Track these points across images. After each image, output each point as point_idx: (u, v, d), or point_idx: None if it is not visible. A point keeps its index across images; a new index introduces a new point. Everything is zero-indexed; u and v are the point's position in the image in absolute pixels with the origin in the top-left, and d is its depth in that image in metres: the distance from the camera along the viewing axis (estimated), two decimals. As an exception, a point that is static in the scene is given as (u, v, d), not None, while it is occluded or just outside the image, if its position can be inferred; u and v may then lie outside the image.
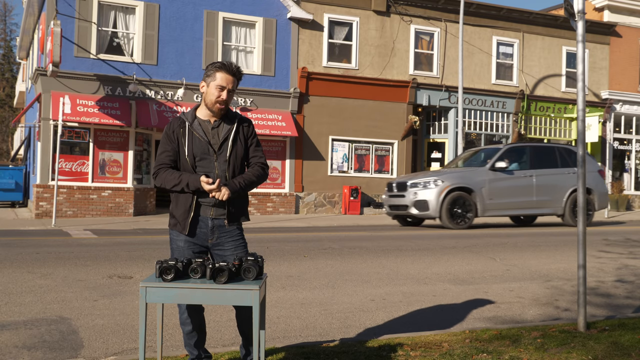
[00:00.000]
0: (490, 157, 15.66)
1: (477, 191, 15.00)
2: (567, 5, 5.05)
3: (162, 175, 3.69)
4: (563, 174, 16.05)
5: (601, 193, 16.67)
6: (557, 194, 15.91)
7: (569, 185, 15.98)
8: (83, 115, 17.23)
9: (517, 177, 15.58)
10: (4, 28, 56.71)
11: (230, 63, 3.70)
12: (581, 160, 5.15)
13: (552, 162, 16.13)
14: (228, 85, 3.64)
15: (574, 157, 16.30)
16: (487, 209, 15.14)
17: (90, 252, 9.62)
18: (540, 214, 16.17)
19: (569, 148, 16.85)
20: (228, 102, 3.68)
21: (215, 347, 4.54)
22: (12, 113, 50.89)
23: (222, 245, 3.71)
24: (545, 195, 15.80)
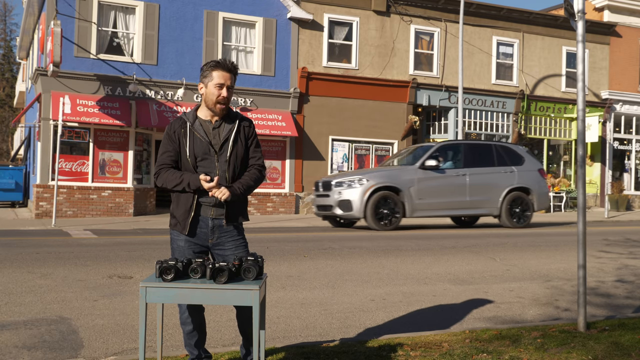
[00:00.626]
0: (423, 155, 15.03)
1: (404, 191, 14.30)
2: (567, 5, 5.05)
3: (163, 176, 3.69)
4: (499, 173, 15.40)
5: (541, 193, 16.01)
6: (492, 194, 15.25)
7: (506, 185, 15.38)
8: (83, 115, 17.23)
9: (449, 176, 14.92)
10: (4, 28, 56.72)
11: (224, 59, 3.69)
12: (581, 160, 5.15)
13: (489, 161, 15.49)
14: (226, 82, 3.64)
15: (513, 156, 15.81)
16: (416, 209, 14.46)
17: (90, 252, 9.62)
18: (474, 215, 15.56)
19: (508, 146, 16.30)
20: (229, 99, 3.68)
21: (215, 347, 4.54)
22: (12, 113, 50.89)
23: (222, 245, 3.72)
24: (479, 195, 15.12)
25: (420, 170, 14.64)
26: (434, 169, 14.68)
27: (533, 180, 15.81)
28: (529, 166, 15.88)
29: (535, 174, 15.95)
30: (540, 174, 16.13)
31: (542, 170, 16.29)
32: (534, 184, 15.80)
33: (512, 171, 15.51)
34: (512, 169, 15.54)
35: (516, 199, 15.47)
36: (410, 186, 14.42)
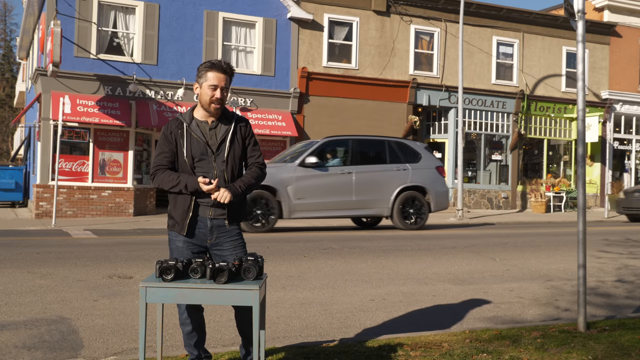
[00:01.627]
0: None
1: (281, 190, 13.28)
2: (567, 5, 5.05)
3: (159, 177, 3.69)
4: (391, 171, 14.30)
5: (439, 192, 14.81)
6: (382, 194, 14.11)
7: (398, 184, 14.26)
8: (83, 115, 17.23)
9: (333, 174, 13.85)
10: (4, 28, 56.72)
11: (219, 61, 3.68)
12: (581, 160, 5.15)
13: (380, 158, 14.52)
14: (220, 83, 3.62)
15: (408, 152, 14.75)
16: (294, 210, 13.46)
17: (90, 252, 9.62)
18: (361, 216, 14.49)
19: (403, 142, 15.22)
20: (223, 100, 3.67)
21: (215, 347, 4.54)
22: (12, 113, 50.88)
23: (220, 245, 3.71)
24: (367, 194, 14.01)
25: (300, 168, 13.59)
26: (315, 166, 13.66)
27: (429, 179, 14.66)
28: (425, 164, 14.75)
29: (432, 172, 14.80)
30: (438, 172, 14.96)
31: (440, 168, 15.10)
32: (431, 182, 14.65)
33: (405, 169, 14.43)
34: (405, 167, 14.47)
35: (410, 198, 14.34)
36: (287, 185, 13.41)
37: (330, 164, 14.12)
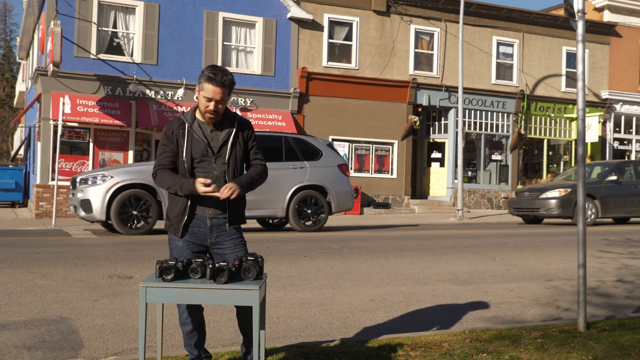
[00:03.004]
0: None
1: (161, 190, 12.36)
2: (567, 5, 5.05)
3: (159, 176, 3.69)
4: (286, 169, 13.45)
5: (341, 192, 13.99)
6: (276, 193, 13.19)
7: (294, 183, 13.43)
8: (83, 115, 17.23)
9: None
10: (4, 28, 56.73)
11: (220, 73, 3.55)
12: (581, 160, 5.15)
13: (275, 155, 13.47)
14: (215, 96, 3.55)
15: (307, 150, 13.90)
16: None
17: (90, 252, 9.62)
18: (254, 217, 13.39)
19: (303, 139, 14.24)
20: (218, 112, 3.62)
21: (215, 347, 4.54)
22: (12, 113, 50.88)
23: (220, 244, 3.71)
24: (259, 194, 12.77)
25: None
26: None
27: (330, 178, 13.83)
28: (327, 161, 13.92)
29: (334, 170, 13.95)
30: (340, 170, 14.10)
31: (343, 167, 14.21)
32: (331, 181, 13.83)
33: (302, 167, 13.60)
34: (303, 165, 13.62)
35: (307, 198, 13.57)
36: None
37: None
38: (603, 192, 16.74)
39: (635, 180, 17.48)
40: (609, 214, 16.91)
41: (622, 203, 17.00)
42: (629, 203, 17.11)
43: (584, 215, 5.09)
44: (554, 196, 16.45)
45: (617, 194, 16.95)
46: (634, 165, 18.18)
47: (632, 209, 17.21)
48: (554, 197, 16.43)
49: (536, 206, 16.75)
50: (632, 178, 17.61)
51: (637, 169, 17.93)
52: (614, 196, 16.88)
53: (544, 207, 16.54)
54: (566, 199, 16.27)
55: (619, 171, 17.48)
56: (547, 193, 16.61)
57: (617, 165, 17.74)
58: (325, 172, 13.81)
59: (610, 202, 16.79)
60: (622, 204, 17.01)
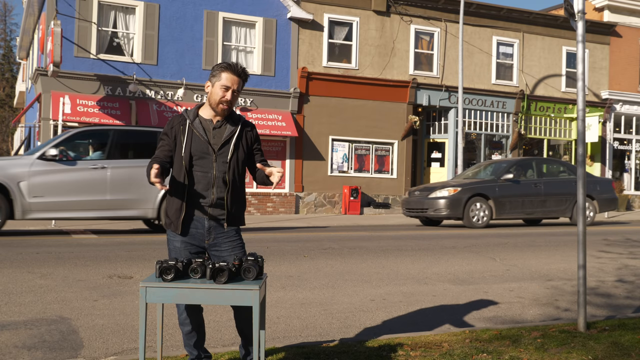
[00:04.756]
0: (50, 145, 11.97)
1: (12, 187, 11.42)
2: (567, 5, 5.04)
3: (148, 167, 3.62)
4: None
5: None
6: (146, 192, 12.10)
7: None
8: (83, 115, 17.23)
9: (82, 169, 11.91)
10: (4, 28, 56.72)
11: (236, 64, 3.68)
12: (581, 160, 5.14)
13: (146, 152, 12.25)
14: (233, 85, 3.62)
15: None
16: (30, 209, 11.53)
17: (90, 252, 9.62)
18: (120, 217, 12.49)
19: None
20: (232, 102, 3.66)
21: (215, 347, 4.54)
22: (12, 113, 50.88)
23: (219, 245, 3.70)
24: (126, 193, 12.08)
25: (39, 162, 11.65)
26: (56, 160, 11.81)
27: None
28: None
29: None
30: None
31: None
32: None
33: None
34: None
35: None
36: (20, 181, 11.49)
37: (88, 157, 12.35)
38: (498, 192, 15.52)
39: (536, 179, 16.22)
40: (504, 215, 15.66)
41: (521, 204, 15.74)
42: (528, 204, 15.81)
43: (584, 215, 5.09)
44: (442, 196, 15.33)
45: (515, 194, 15.69)
46: (536, 163, 16.94)
47: (532, 210, 15.91)
48: (442, 197, 15.29)
49: (425, 206, 15.57)
50: (535, 177, 16.37)
51: (540, 167, 16.79)
52: (510, 196, 15.62)
53: (432, 208, 15.38)
54: (456, 199, 15.18)
55: (518, 169, 16.23)
56: (436, 192, 15.50)
57: (515, 163, 16.53)
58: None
59: (506, 202, 15.55)
60: (521, 204, 15.75)
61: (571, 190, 16.20)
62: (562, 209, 16.17)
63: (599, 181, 17.36)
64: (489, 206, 15.39)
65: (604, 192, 17.00)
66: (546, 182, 16.15)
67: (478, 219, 15.29)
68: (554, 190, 16.14)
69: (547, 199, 15.98)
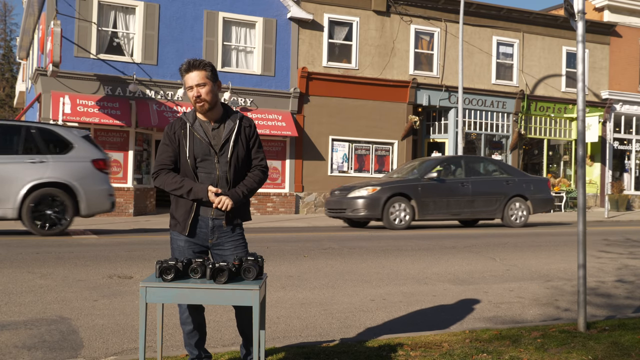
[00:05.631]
0: None
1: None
2: (567, 5, 5.05)
3: (162, 177, 3.68)
4: (21, 163, 11.50)
5: (92, 191, 11.91)
6: (7, 191, 11.30)
7: (29, 179, 11.42)
8: (83, 115, 17.23)
9: None
10: (4, 28, 56.72)
11: (191, 60, 3.62)
12: (581, 160, 5.14)
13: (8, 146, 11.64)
14: (193, 82, 3.58)
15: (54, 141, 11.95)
16: None
17: (90, 252, 9.62)
18: None
19: (50, 129, 12.14)
20: (205, 97, 3.60)
21: (215, 347, 4.54)
22: (12, 113, 50.88)
23: (222, 245, 3.71)
24: None
25: None
26: None
27: (79, 175, 11.82)
28: (78, 155, 11.94)
29: (85, 165, 11.92)
30: (95, 166, 12.01)
31: (100, 162, 12.14)
32: (80, 179, 11.80)
33: (43, 161, 11.60)
34: (45, 159, 11.63)
35: (46, 197, 11.56)
36: None
37: None
38: (421, 191, 14.76)
39: (464, 179, 15.44)
40: (428, 216, 14.91)
41: (446, 204, 15.01)
42: (454, 204, 15.08)
43: (584, 215, 5.09)
44: (361, 195, 14.59)
45: (440, 193, 14.98)
46: (465, 162, 16.18)
47: (458, 211, 15.18)
48: (360, 197, 14.55)
49: (344, 206, 14.78)
50: (463, 176, 15.59)
51: (468, 166, 15.98)
52: (435, 196, 14.89)
53: (351, 208, 14.64)
54: (374, 199, 14.44)
55: (446, 168, 15.51)
56: (354, 192, 14.74)
57: (441, 162, 15.77)
58: (72, 168, 11.81)
59: (429, 203, 14.80)
60: (446, 205, 15.01)
61: (502, 190, 15.61)
62: (492, 209, 15.52)
63: (532, 180, 16.55)
64: (410, 206, 14.66)
65: (538, 192, 16.19)
66: (475, 182, 15.46)
67: (398, 220, 14.57)
68: (484, 190, 15.44)
69: (475, 199, 15.27)
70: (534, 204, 16.08)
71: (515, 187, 15.90)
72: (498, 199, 15.57)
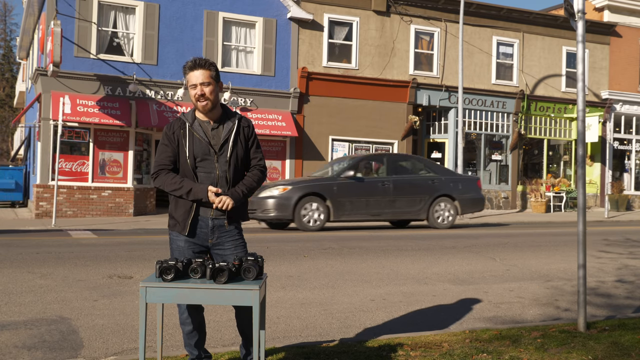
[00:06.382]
0: None
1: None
2: (567, 5, 5.05)
3: (162, 178, 3.69)
4: None
5: None
6: None
7: None
8: (83, 115, 17.23)
9: None
10: (4, 28, 56.72)
11: (196, 59, 3.64)
12: (581, 160, 5.14)
13: None
14: (197, 80, 3.60)
15: None
16: None
17: (90, 252, 9.62)
18: None
19: None
20: (209, 96, 3.62)
21: (215, 347, 4.54)
22: (12, 113, 50.89)
23: (221, 245, 3.72)
24: None
25: None
26: None
27: None
28: None
29: None
30: None
31: None
32: None
33: None
34: None
35: None
36: None
37: None
38: (337, 191, 14.08)
39: (385, 178, 14.73)
40: (344, 217, 14.21)
41: (365, 204, 14.29)
42: (374, 204, 14.38)
43: (584, 215, 5.09)
44: (271, 195, 13.88)
45: (358, 193, 14.23)
46: (388, 160, 15.36)
47: (378, 212, 14.47)
48: (271, 197, 13.84)
49: (254, 207, 13.91)
50: (385, 174, 14.88)
51: (391, 164, 15.21)
52: (352, 196, 14.17)
53: (261, 208, 13.87)
54: (285, 198, 13.80)
55: (362, 167, 14.76)
56: (265, 191, 14.00)
57: (359, 160, 14.94)
58: None
59: (346, 203, 14.08)
60: (365, 205, 14.29)
61: (427, 190, 14.93)
62: (416, 210, 14.82)
63: (461, 179, 15.83)
64: (326, 207, 14.02)
65: (466, 192, 15.45)
66: (397, 181, 14.75)
67: (312, 221, 13.96)
68: (406, 189, 14.76)
69: (396, 199, 14.58)
70: (462, 204, 15.31)
71: (441, 186, 15.13)
72: (422, 198, 14.85)
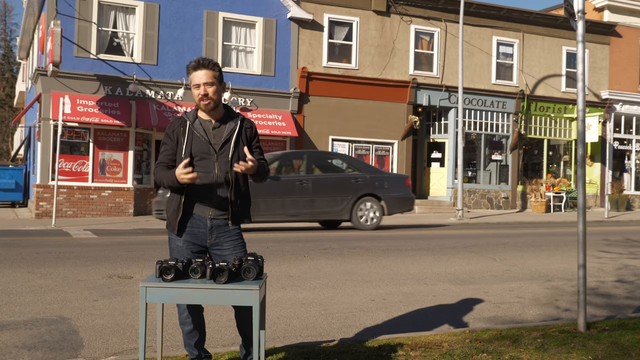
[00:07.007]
0: None
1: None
2: (567, 5, 5.05)
3: (158, 174, 3.69)
4: None
5: None
6: None
7: None
8: (83, 115, 17.23)
9: None
10: (4, 28, 56.72)
11: (200, 59, 3.64)
12: (581, 160, 5.14)
13: None
14: (201, 80, 3.60)
15: None
16: None
17: (90, 252, 9.62)
18: None
19: None
20: (212, 96, 3.62)
21: (215, 347, 4.54)
22: (12, 113, 50.88)
23: (220, 245, 3.71)
24: None
25: None
26: None
27: None
28: None
29: None
30: None
31: None
32: None
33: None
34: None
35: None
36: None
37: None
38: None
39: (304, 176, 14.05)
40: (259, 217, 13.34)
41: (280, 204, 13.62)
42: (290, 204, 13.68)
43: (584, 215, 5.09)
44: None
45: (273, 192, 13.47)
46: (308, 158, 14.65)
47: (296, 212, 13.77)
48: None
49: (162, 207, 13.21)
50: (304, 173, 14.24)
51: (311, 163, 14.54)
52: (266, 195, 13.30)
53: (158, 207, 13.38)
54: None
55: (280, 164, 14.17)
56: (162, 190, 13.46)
57: (277, 158, 14.32)
58: None
59: (260, 202, 13.08)
60: (281, 205, 13.62)
61: (349, 189, 14.17)
62: (337, 210, 14.10)
63: (388, 178, 15.14)
64: None
65: (393, 191, 14.67)
66: (316, 180, 14.08)
67: None
68: (327, 189, 14.06)
69: (316, 199, 13.88)
70: (389, 203, 14.52)
71: (366, 185, 14.35)
72: (345, 198, 14.10)
